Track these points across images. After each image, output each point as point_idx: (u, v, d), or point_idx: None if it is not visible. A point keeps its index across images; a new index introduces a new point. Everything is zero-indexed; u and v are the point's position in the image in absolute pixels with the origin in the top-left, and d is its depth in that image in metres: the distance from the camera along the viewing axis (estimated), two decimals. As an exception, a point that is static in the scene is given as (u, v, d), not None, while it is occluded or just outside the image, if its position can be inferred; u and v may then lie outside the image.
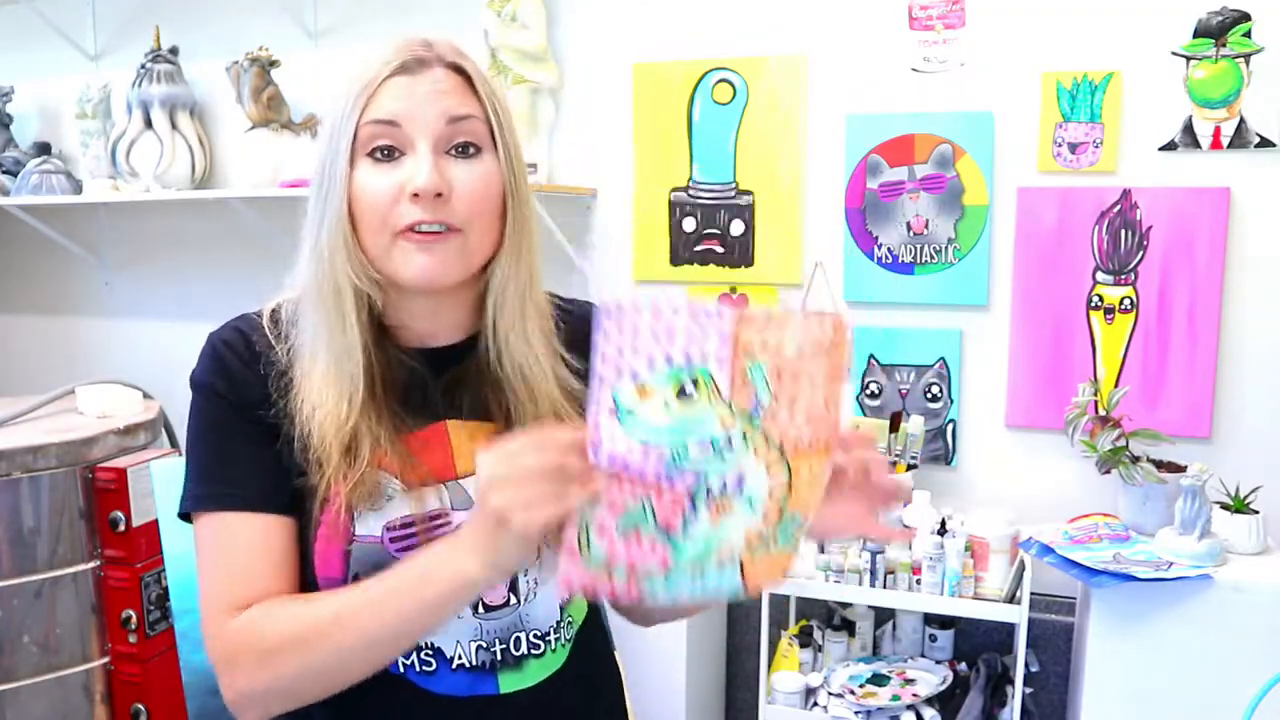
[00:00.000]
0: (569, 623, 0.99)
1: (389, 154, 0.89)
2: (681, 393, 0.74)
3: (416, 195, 0.87)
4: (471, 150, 0.91)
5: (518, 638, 0.94)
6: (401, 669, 0.91)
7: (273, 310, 0.97)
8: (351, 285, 0.90)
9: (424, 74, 0.90)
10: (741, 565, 0.78)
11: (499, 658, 0.93)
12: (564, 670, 0.97)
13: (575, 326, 1.02)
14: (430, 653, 0.91)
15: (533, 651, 0.95)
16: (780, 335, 0.76)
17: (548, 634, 0.96)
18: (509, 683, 0.93)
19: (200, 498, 0.91)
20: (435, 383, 0.96)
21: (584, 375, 0.97)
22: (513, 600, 0.93)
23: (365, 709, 0.91)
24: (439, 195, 0.88)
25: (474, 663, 0.92)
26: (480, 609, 0.92)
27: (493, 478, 0.74)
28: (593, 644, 1.04)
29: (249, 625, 0.86)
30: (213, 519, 0.90)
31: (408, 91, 0.89)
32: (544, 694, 0.95)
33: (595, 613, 1.05)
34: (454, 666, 0.92)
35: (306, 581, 0.90)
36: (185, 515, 0.94)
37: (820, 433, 0.79)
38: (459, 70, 0.92)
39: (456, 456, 0.94)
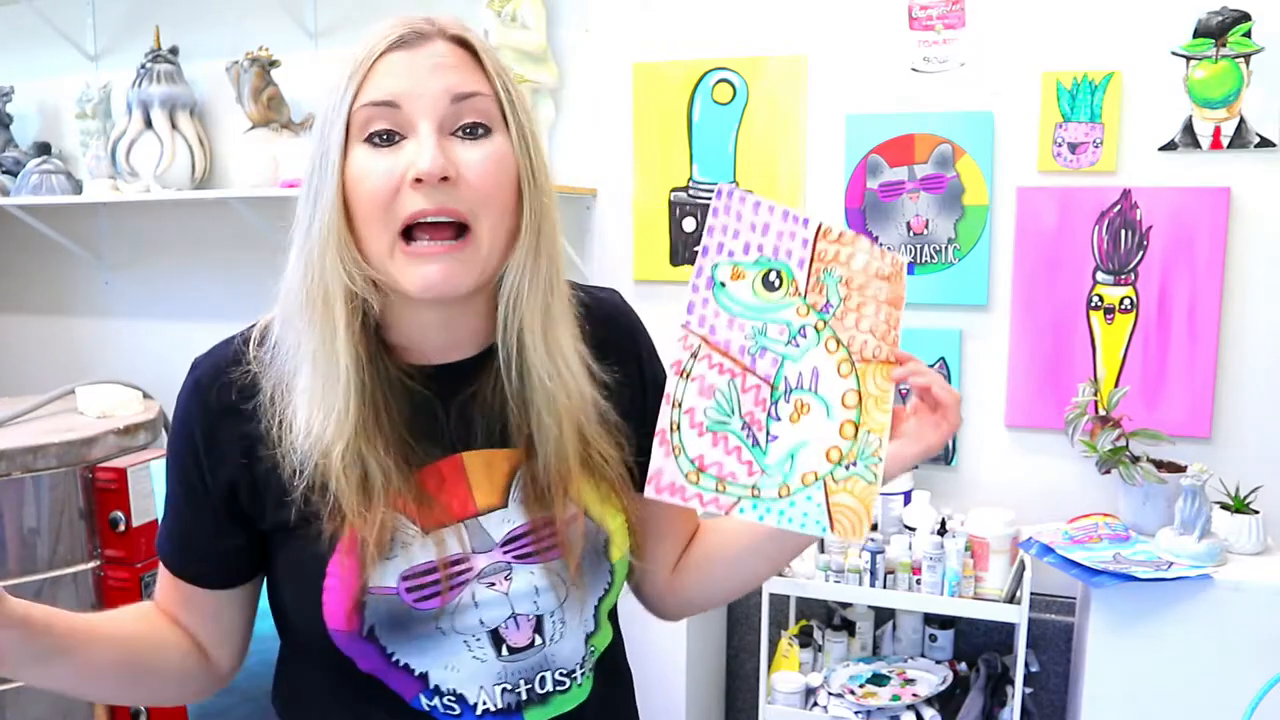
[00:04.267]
0: (592, 652, 0.92)
1: (388, 139, 0.78)
2: (766, 281, 0.84)
3: (419, 181, 0.77)
4: (480, 131, 0.80)
5: (543, 677, 0.87)
6: (425, 708, 0.85)
7: (261, 332, 0.86)
8: (344, 289, 0.79)
9: (424, 47, 0.80)
10: (826, 493, 0.83)
11: (524, 697, 0.87)
12: (590, 699, 0.92)
13: (598, 325, 0.93)
14: (453, 699, 0.85)
15: (558, 689, 0.89)
16: (851, 251, 0.87)
17: (573, 670, 0.89)
18: (535, 717, 0.88)
19: (168, 559, 0.91)
20: (445, 407, 0.86)
21: (610, 389, 0.90)
22: (537, 641, 0.86)
23: None
24: (445, 179, 0.77)
25: (499, 706, 0.86)
26: (504, 651, 0.85)
27: None
28: (614, 665, 0.98)
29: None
30: (161, 571, 0.92)
31: (407, 68, 0.79)
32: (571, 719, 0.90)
33: (617, 635, 0.99)
34: (479, 711, 0.85)
35: (320, 636, 0.83)
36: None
37: (883, 348, 0.88)
38: (463, 44, 0.82)
39: (475, 491, 0.85)
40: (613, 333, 0.95)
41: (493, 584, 0.84)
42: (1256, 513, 1.86)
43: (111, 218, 2.94)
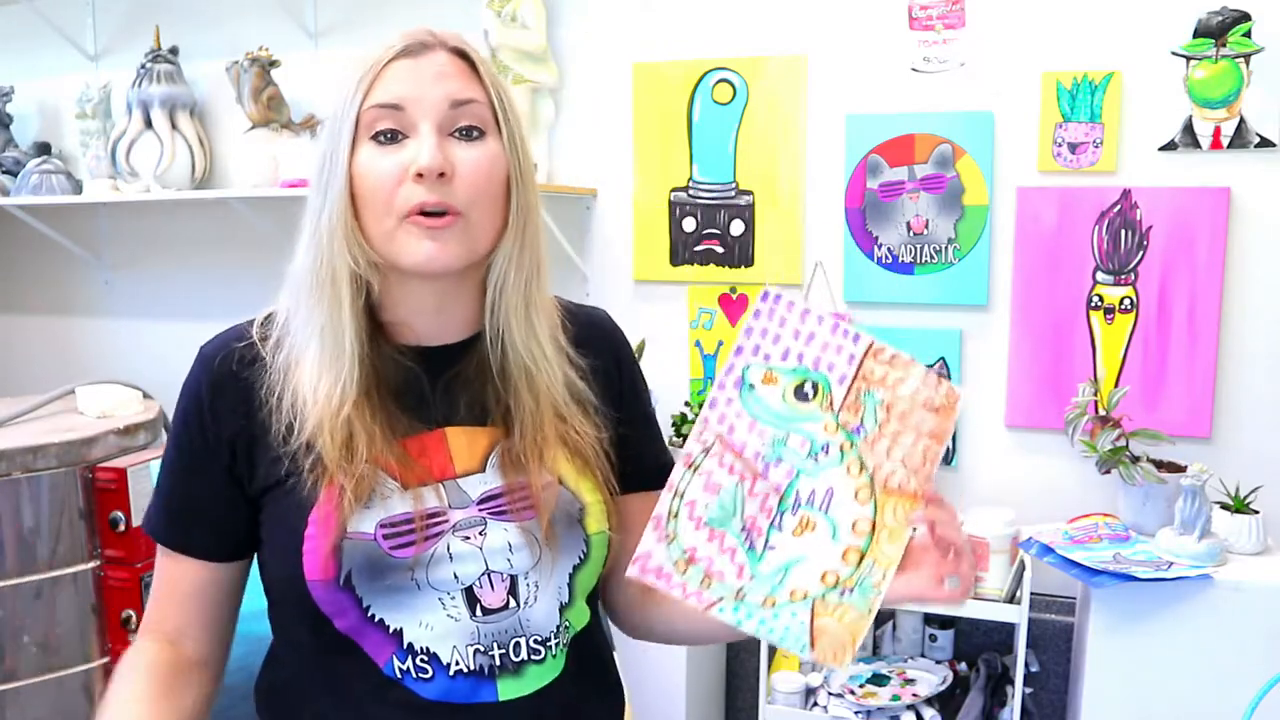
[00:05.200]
0: (567, 627, 0.95)
1: (392, 137, 0.88)
2: (800, 391, 0.83)
3: (420, 175, 0.86)
4: (475, 133, 0.89)
5: (517, 643, 0.91)
6: (398, 674, 0.88)
7: (265, 317, 0.96)
8: (349, 270, 0.88)
9: (427, 57, 0.89)
10: (813, 613, 0.82)
11: (498, 663, 0.90)
12: (563, 676, 0.94)
13: (581, 327, 1.02)
14: (425, 658, 0.88)
15: (533, 657, 0.92)
16: (901, 375, 0.84)
17: (548, 639, 0.93)
18: (508, 689, 0.90)
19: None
20: (432, 385, 0.94)
21: (587, 374, 0.99)
22: (512, 603, 0.90)
23: (359, 718, 0.90)
24: (442, 175, 0.86)
25: (471, 667, 0.89)
26: (478, 612, 0.89)
27: None
28: (592, 650, 1.01)
29: (122, 661, 0.94)
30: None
31: (411, 74, 0.88)
32: (543, 701, 0.92)
33: (596, 619, 1.03)
34: (451, 672, 0.89)
35: (299, 593, 0.88)
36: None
37: (912, 481, 0.84)
38: (462, 55, 0.91)
39: (455, 459, 0.92)
40: (593, 334, 1.04)
41: (467, 537, 0.90)
42: (1256, 513, 1.86)
43: (111, 218, 2.94)
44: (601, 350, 1.03)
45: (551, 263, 1.01)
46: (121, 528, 2.05)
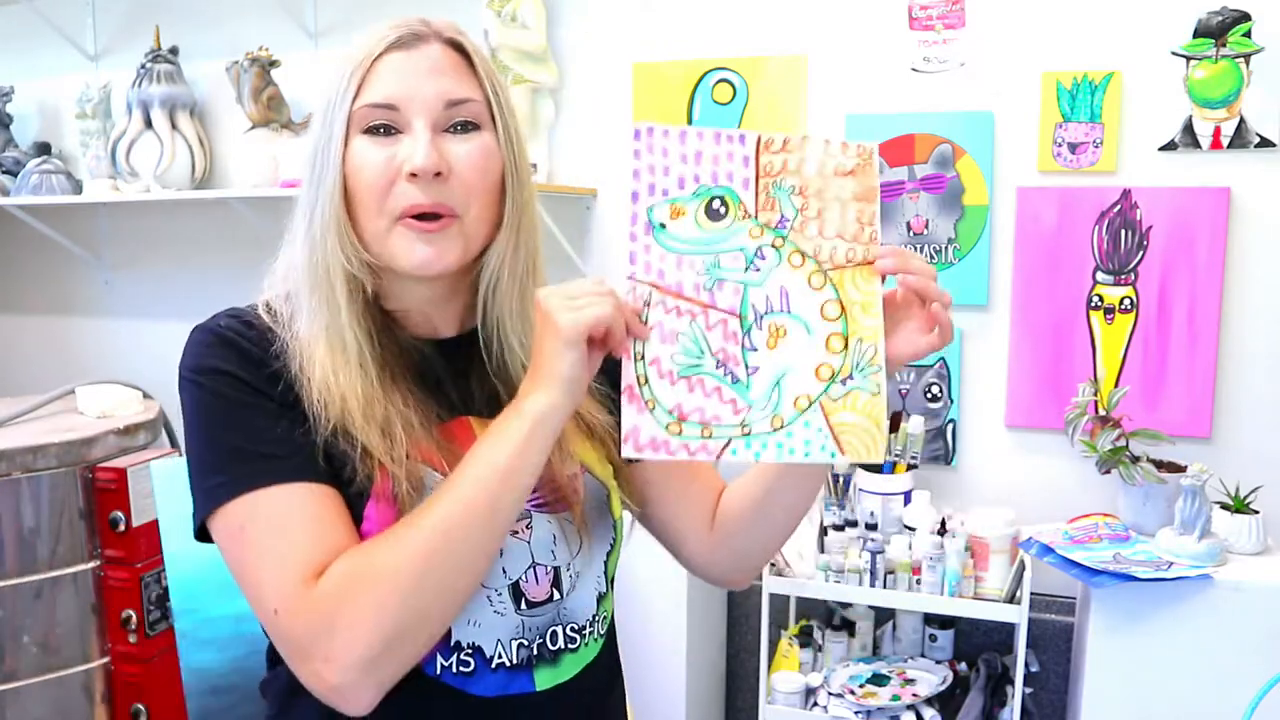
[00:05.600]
0: (603, 617, 0.96)
1: (386, 131, 0.86)
2: (710, 210, 0.80)
3: (414, 175, 0.84)
4: (470, 127, 0.88)
5: (554, 632, 0.91)
6: (438, 670, 0.87)
7: (265, 304, 0.92)
8: (343, 269, 0.86)
9: (421, 49, 0.87)
10: (825, 415, 0.79)
11: (536, 653, 0.90)
12: (595, 662, 0.95)
13: None
14: (469, 653, 0.87)
15: (569, 646, 0.92)
16: (800, 156, 0.81)
17: (584, 627, 0.93)
18: (544, 679, 0.90)
19: (235, 480, 0.81)
20: (448, 375, 0.93)
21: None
22: (555, 595, 0.90)
23: (401, 716, 0.85)
24: (438, 175, 0.85)
25: (514, 661, 0.88)
26: (523, 605, 0.89)
27: (545, 294, 0.79)
28: (613, 633, 1.02)
29: (350, 570, 0.77)
30: (255, 499, 0.80)
31: (404, 70, 0.86)
32: (577, 687, 0.93)
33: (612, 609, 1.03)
34: (493, 666, 0.88)
35: None
36: (203, 524, 0.84)
37: (858, 249, 0.82)
38: (457, 47, 0.89)
39: None
40: None
41: (515, 531, 0.88)
42: (1256, 513, 1.86)
43: (111, 218, 2.94)
44: None
45: (551, 263, 1.01)
46: (121, 528, 2.05)
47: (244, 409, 0.83)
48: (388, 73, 0.86)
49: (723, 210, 0.80)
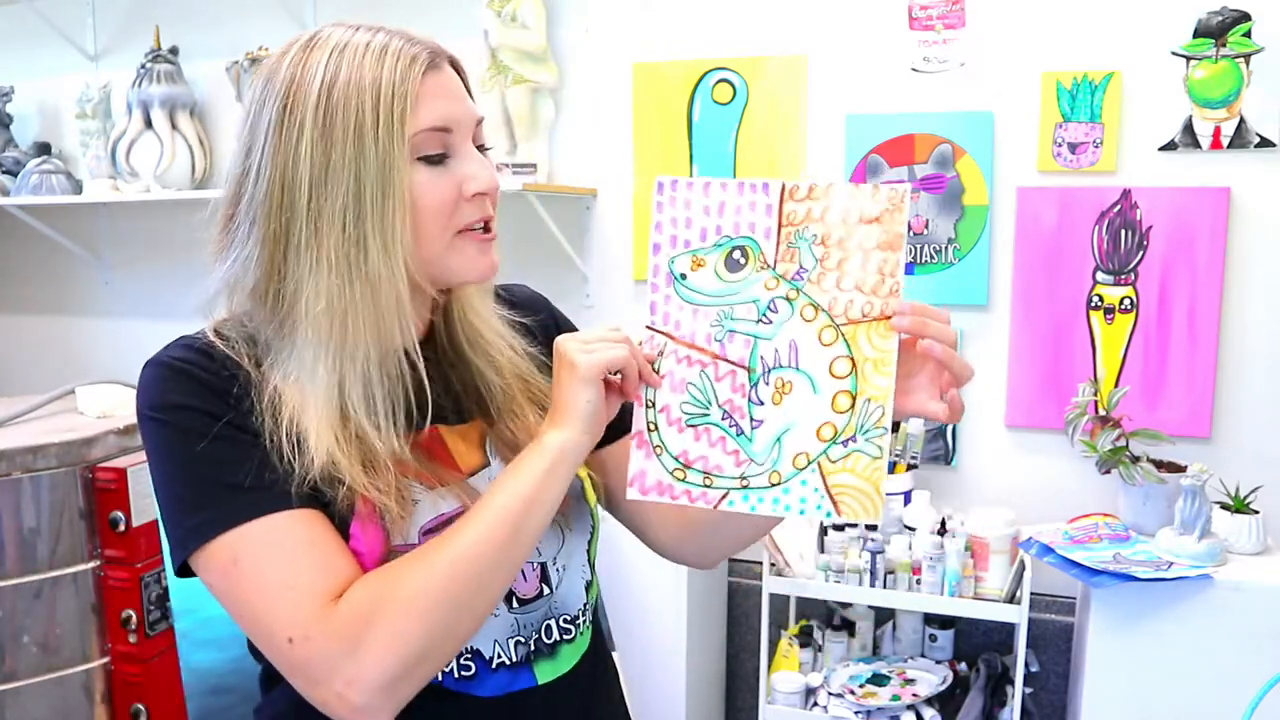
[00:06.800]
0: (591, 604, 0.99)
1: (440, 158, 0.86)
2: (729, 261, 0.79)
3: (478, 195, 0.87)
4: (484, 146, 0.91)
5: (549, 625, 0.93)
6: (440, 677, 0.87)
7: (215, 330, 0.88)
8: (403, 298, 0.84)
9: (445, 69, 0.87)
10: (823, 475, 0.78)
11: (534, 649, 0.92)
12: (589, 650, 0.97)
13: (514, 296, 1.05)
14: (469, 656, 0.88)
15: (564, 637, 0.94)
16: (824, 204, 0.79)
17: (576, 617, 0.95)
18: (545, 672, 0.92)
19: (219, 516, 0.80)
20: (414, 382, 0.91)
21: (534, 331, 1.02)
22: (545, 591, 0.92)
23: None
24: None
25: (513, 659, 0.90)
26: (515, 604, 0.90)
27: (564, 339, 0.82)
28: (599, 619, 1.04)
29: (370, 596, 0.78)
30: (243, 533, 0.79)
31: (443, 91, 0.86)
32: (577, 676, 0.95)
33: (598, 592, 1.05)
34: (494, 667, 0.89)
35: None
36: (185, 564, 0.82)
37: (875, 303, 0.78)
38: (456, 66, 0.91)
39: (458, 458, 0.92)
40: (526, 298, 1.08)
41: None
42: (1256, 513, 1.86)
43: (111, 218, 2.94)
44: (538, 309, 1.06)
45: (551, 262, 1.02)
46: (121, 528, 2.05)
47: (214, 442, 0.81)
48: (434, 95, 0.84)
49: (742, 260, 0.79)
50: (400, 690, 0.78)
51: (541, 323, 1.04)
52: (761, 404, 0.79)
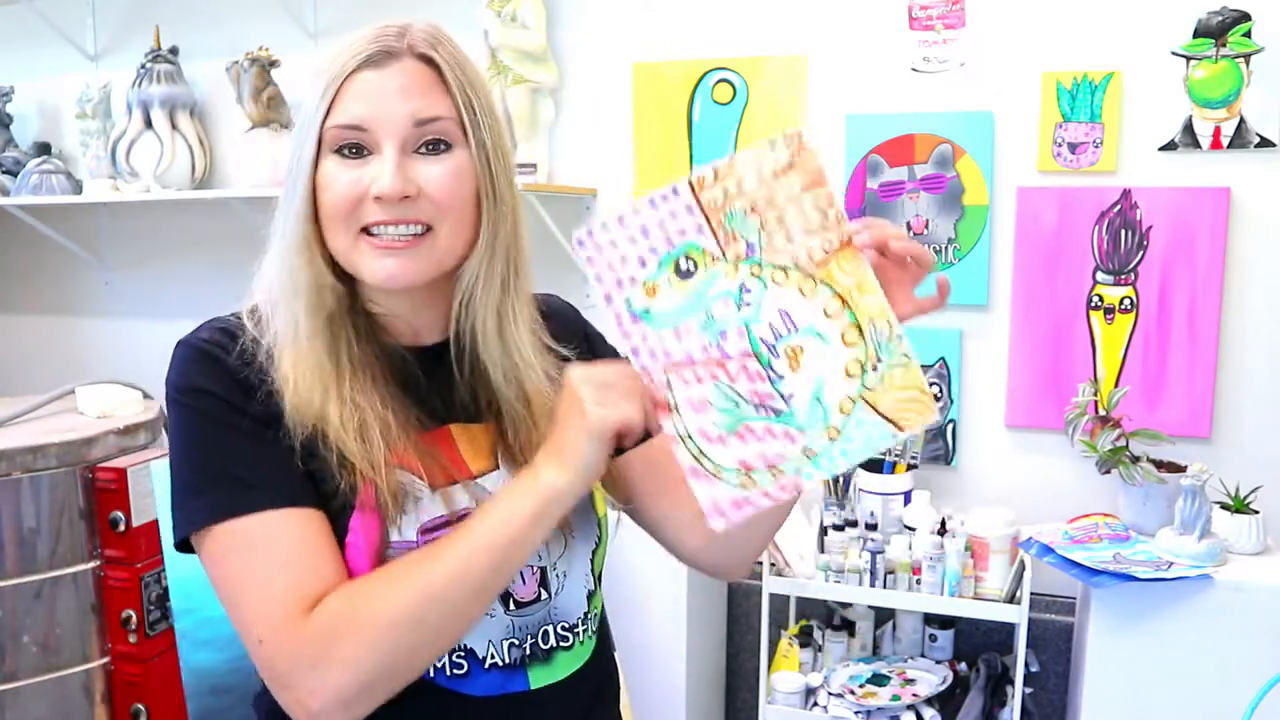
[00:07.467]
0: (594, 615, 0.97)
1: (357, 151, 0.86)
2: (680, 272, 0.80)
3: (379, 198, 0.85)
4: (442, 147, 0.87)
5: (546, 631, 0.92)
6: (431, 673, 0.88)
7: (250, 310, 0.92)
8: (308, 283, 0.88)
9: (391, 67, 0.85)
10: (873, 407, 0.79)
11: (529, 653, 0.91)
12: (590, 662, 0.96)
13: (551, 323, 1.02)
14: (462, 654, 0.88)
15: (561, 644, 0.93)
16: (736, 178, 0.80)
17: (575, 625, 0.95)
18: (539, 678, 0.91)
19: (218, 504, 0.83)
20: (427, 382, 0.94)
21: (567, 359, 0.99)
22: (543, 595, 0.92)
23: (395, 717, 0.85)
24: (405, 198, 0.85)
25: (506, 660, 0.90)
26: (511, 605, 0.90)
27: (579, 380, 0.80)
28: (606, 631, 1.03)
29: (340, 611, 0.79)
30: (238, 526, 0.82)
31: (375, 89, 0.85)
32: (573, 686, 0.94)
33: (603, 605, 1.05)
34: (486, 666, 0.89)
35: None
36: (185, 541, 0.85)
37: (830, 237, 0.80)
38: (429, 62, 0.87)
39: (467, 459, 0.92)
40: (563, 324, 1.05)
41: None
42: (1256, 513, 1.86)
43: (111, 218, 2.94)
44: (573, 335, 1.05)
45: (551, 263, 1.02)
46: (121, 528, 2.05)
47: (229, 431, 0.85)
48: (358, 93, 0.85)
49: (691, 267, 0.80)
50: (357, 707, 0.79)
51: (576, 351, 1.01)
52: (783, 378, 0.79)
